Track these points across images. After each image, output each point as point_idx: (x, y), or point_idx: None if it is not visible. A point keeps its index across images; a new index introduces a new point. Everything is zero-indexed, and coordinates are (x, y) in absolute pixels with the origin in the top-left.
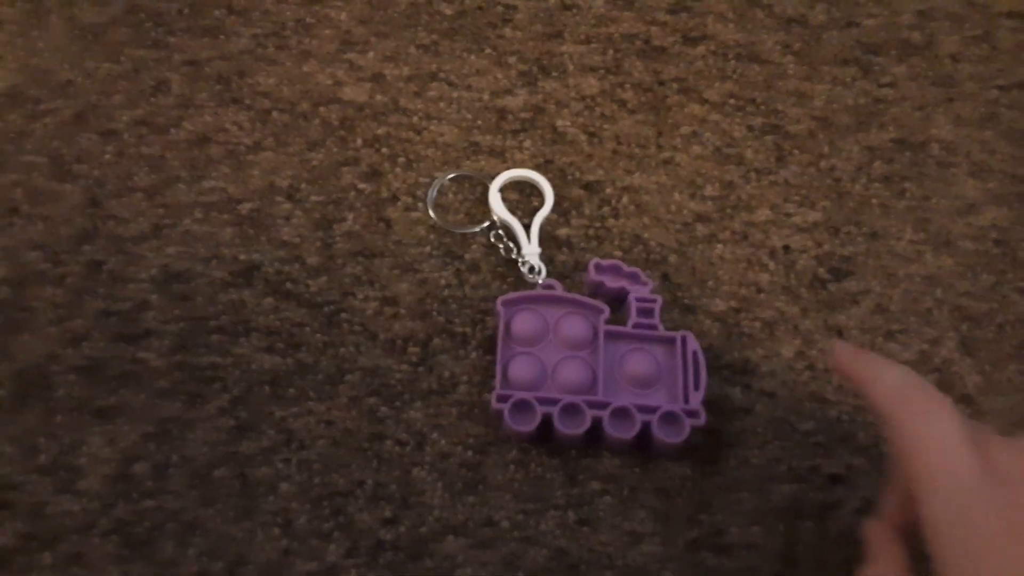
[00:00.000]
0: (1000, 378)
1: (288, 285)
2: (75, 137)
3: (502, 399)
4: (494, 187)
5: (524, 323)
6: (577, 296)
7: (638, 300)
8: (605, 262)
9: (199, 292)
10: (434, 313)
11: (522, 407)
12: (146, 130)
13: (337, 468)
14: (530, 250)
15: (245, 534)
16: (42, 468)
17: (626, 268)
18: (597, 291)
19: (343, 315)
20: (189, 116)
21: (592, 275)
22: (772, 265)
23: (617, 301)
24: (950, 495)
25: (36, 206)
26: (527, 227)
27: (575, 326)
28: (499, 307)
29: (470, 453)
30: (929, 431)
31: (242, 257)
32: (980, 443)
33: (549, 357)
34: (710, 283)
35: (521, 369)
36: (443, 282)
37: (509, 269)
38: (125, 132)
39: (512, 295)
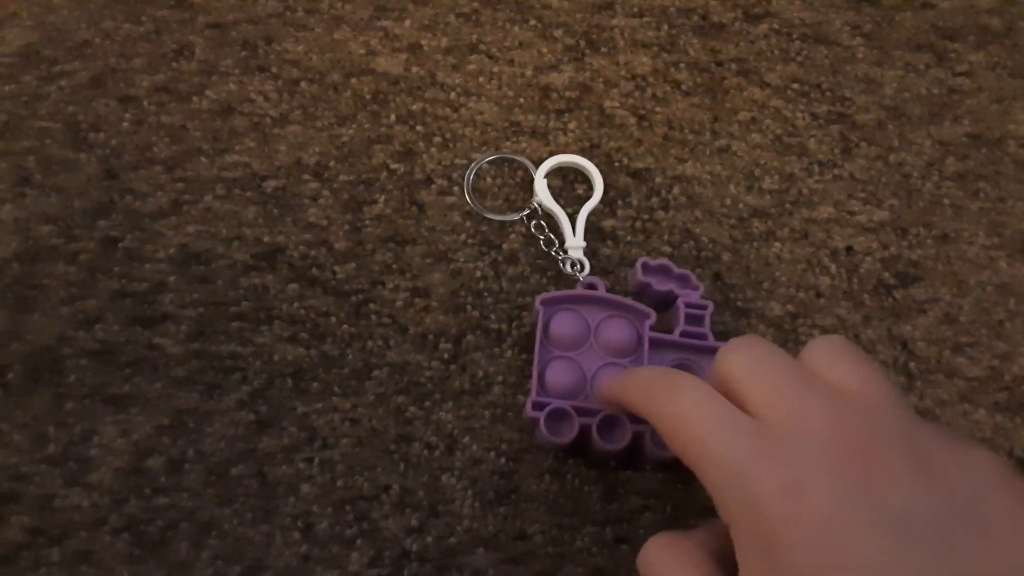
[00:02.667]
0: None
1: (314, 271)
2: (92, 102)
3: (538, 407)
4: (540, 173)
5: (564, 325)
6: (622, 299)
7: (687, 306)
8: (653, 262)
9: (219, 275)
10: (468, 307)
11: (558, 416)
12: (167, 97)
13: (362, 470)
14: (574, 243)
15: (263, 538)
16: (51, 458)
17: (676, 270)
18: (643, 292)
19: (371, 305)
20: (212, 84)
21: (639, 275)
22: (833, 268)
23: (664, 304)
24: (721, 462)
25: (49, 176)
26: (571, 218)
27: (618, 331)
28: (538, 306)
29: (503, 460)
30: (679, 408)
31: (266, 239)
32: (750, 396)
33: (589, 363)
34: (766, 285)
35: (559, 375)
36: (478, 273)
37: (550, 261)
38: (145, 99)
39: (552, 294)
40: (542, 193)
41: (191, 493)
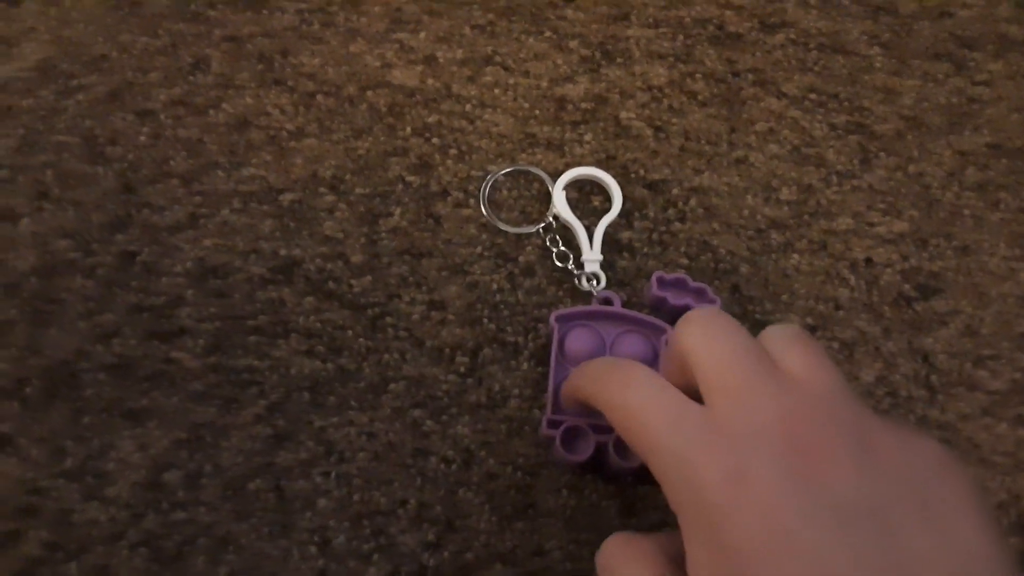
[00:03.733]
0: None
1: (330, 284)
2: (109, 116)
3: (553, 424)
4: (559, 185)
5: (579, 341)
6: (637, 314)
7: None
8: (669, 276)
9: (236, 288)
10: (484, 320)
11: (575, 434)
12: (184, 111)
13: (379, 485)
14: (591, 257)
15: (280, 552)
16: (68, 473)
17: (692, 283)
18: (659, 307)
19: (388, 319)
20: (229, 97)
21: (654, 290)
22: (853, 280)
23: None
24: (668, 451)
25: (67, 190)
26: (588, 230)
27: (633, 347)
28: (552, 322)
29: (520, 475)
30: (628, 399)
31: (282, 252)
32: (703, 375)
33: None
34: (784, 297)
35: None
36: (495, 286)
37: (566, 274)
38: (162, 112)
39: (567, 310)
40: (560, 205)
41: (208, 508)
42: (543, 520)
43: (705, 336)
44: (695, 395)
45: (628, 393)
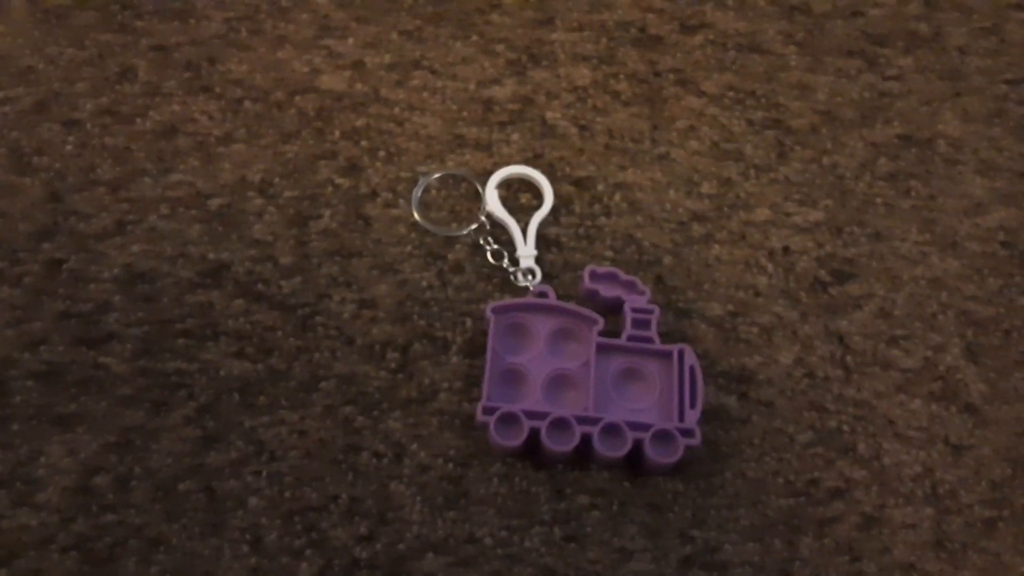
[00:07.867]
0: (1006, 386)
1: (260, 286)
2: (36, 127)
3: (488, 411)
4: (491, 184)
5: (514, 332)
6: (571, 306)
7: (634, 311)
8: (601, 269)
9: (164, 293)
10: (415, 317)
11: (508, 421)
12: (111, 120)
13: (310, 481)
14: (526, 252)
15: (212, 551)
16: None
17: (623, 276)
18: (591, 299)
19: (318, 318)
20: (156, 105)
21: (587, 283)
22: (771, 267)
23: (612, 309)
24: None
25: None
26: (520, 227)
27: (567, 337)
28: (489, 314)
29: (451, 466)
30: None
31: (211, 256)
32: None
33: (539, 369)
34: (706, 286)
35: (509, 381)
36: (424, 284)
37: (495, 270)
38: (88, 122)
39: (503, 302)
40: (493, 204)
41: (138, 510)
42: (475, 508)
43: None
44: None
45: None
